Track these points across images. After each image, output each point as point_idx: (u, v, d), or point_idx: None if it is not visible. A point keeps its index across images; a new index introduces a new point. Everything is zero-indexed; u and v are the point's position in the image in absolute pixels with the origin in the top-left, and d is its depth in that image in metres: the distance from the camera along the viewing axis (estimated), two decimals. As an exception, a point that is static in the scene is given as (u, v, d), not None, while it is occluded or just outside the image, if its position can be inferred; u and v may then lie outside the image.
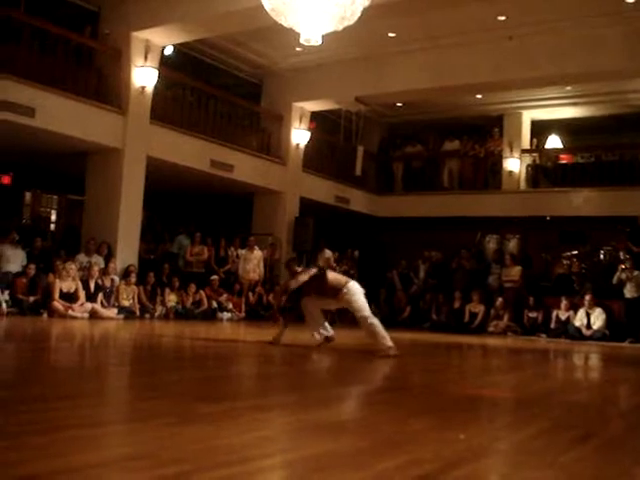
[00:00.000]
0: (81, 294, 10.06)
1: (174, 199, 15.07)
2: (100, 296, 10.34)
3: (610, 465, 2.41)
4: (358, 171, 14.76)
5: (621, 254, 12.53)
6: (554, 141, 16.74)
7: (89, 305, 10.06)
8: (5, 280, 9.82)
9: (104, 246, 10.87)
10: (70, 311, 9.77)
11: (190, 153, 11.95)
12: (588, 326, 11.65)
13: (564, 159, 16.09)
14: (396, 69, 12.91)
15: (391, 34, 12.26)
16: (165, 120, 11.65)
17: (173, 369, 5.01)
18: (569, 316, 11.95)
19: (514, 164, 15.63)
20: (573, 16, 10.89)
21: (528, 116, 16.04)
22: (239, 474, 2.02)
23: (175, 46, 12.41)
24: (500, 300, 12.72)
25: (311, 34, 7.04)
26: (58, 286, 9.85)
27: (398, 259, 15.01)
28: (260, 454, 2.29)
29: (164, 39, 11.31)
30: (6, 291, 9.66)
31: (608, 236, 13.74)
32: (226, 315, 12.01)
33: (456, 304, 13.12)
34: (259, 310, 12.70)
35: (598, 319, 11.62)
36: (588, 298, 11.76)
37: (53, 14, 10.67)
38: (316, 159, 15.03)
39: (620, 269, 11.93)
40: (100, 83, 10.96)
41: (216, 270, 12.82)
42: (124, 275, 10.90)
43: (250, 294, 12.82)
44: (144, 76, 11.09)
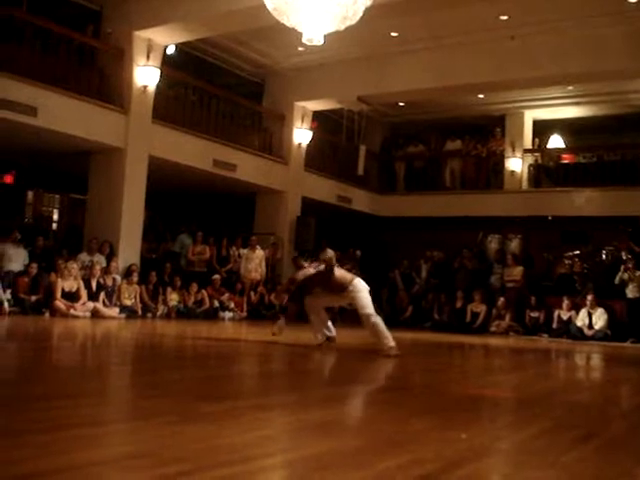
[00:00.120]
0: (83, 293, 10.07)
1: (176, 198, 15.08)
2: (102, 295, 10.35)
3: (612, 465, 2.41)
4: (360, 171, 14.75)
5: (623, 254, 12.53)
6: (556, 141, 16.73)
7: (91, 304, 10.07)
8: (7, 279, 9.80)
9: (106, 245, 10.86)
10: (72, 310, 9.78)
11: (192, 152, 11.95)
12: (590, 326, 11.65)
13: (566, 159, 16.07)
14: (398, 69, 12.89)
15: (393, 34, 12.26)
16: (167, 119, 11.65)
17: (175, 368, 5.01)
18: (571, 316, 11.96)
19: (516, 164, 15.61)
20: (575, 16, 10.88)
21: (530, 116, 16.02)
22: (240, 473, 2.02)
23: (177, 45, 12.40)
24: (502, 300, 12.71)
25: (313, 34, 7.03)
26: (60, 285, 9.86)
27: (400, 259, 15.01)
28: (261, 453, 2.29)
29: (166, 38, 11.31)
30: (8, 290, 9.64)
31: (610, 236, 13.73)
32: (228, 314, 12.02)
33: (458, 304, 13.12)
34: (261, 310, 12.71)
35: (600, 319, 11.62)
36: (590, 298, 11.77)
37: (55, 13, 10.66)
38: (318, 159, 15.02)
39: (622, 269, 11.93)
40: (102, 82, 10.95)
41: (218, 269, 12.82)
42: (126, 274, 10.90)
43: (252, 293, 12.82)
44: (146, 75, 11.09)
